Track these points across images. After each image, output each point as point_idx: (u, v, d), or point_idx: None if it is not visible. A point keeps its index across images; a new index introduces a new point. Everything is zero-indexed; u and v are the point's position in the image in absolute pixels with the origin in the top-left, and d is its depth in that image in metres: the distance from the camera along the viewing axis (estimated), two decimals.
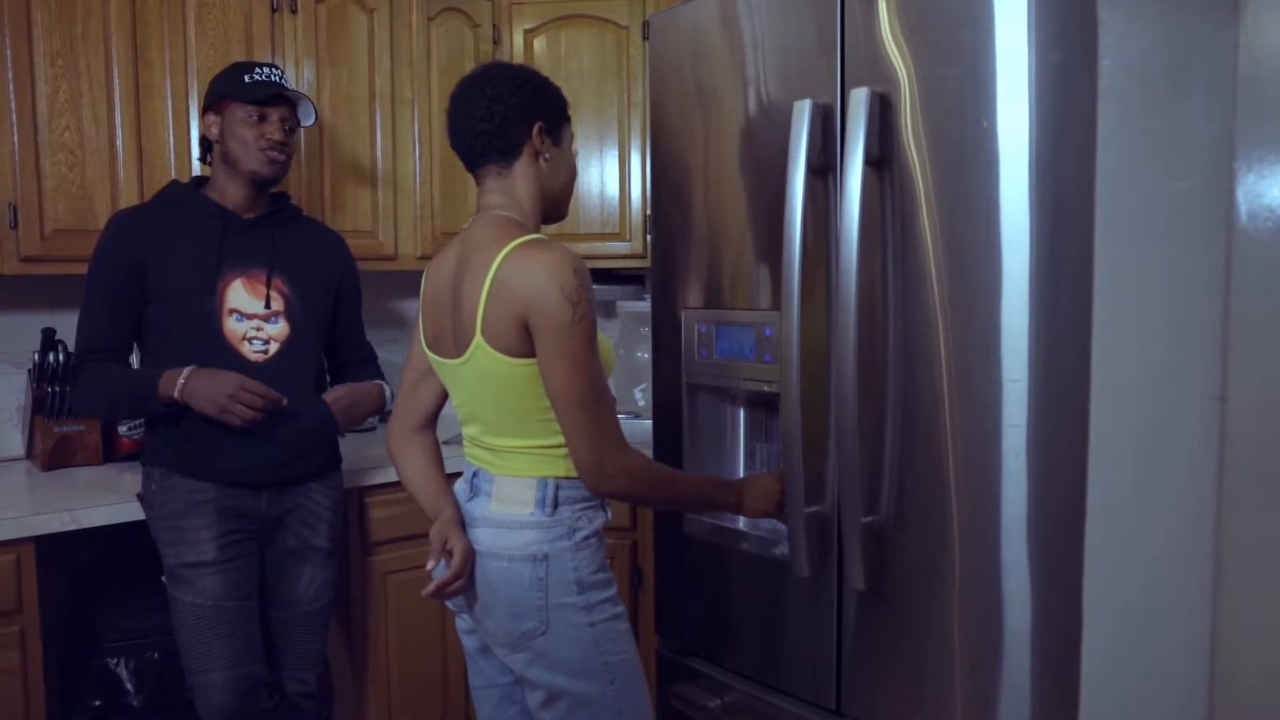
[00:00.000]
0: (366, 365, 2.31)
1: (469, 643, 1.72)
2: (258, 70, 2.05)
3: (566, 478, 1.56)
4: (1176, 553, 1.30)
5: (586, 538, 1.57)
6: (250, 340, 2.02)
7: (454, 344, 1.58)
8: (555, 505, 1.56)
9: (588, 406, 1.48)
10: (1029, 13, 1.29)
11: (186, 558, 1.96)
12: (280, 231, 2.10)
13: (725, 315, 1.75)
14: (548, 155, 1.60)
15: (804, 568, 1.59)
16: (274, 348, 2.05)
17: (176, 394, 1.90)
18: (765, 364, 1.67)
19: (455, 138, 1.61)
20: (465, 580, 1.57)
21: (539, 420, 1.54)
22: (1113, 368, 1.26)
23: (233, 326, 2.02)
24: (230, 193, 2.06)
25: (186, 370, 1.91)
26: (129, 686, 2.13)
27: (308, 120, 2.13)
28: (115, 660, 2.13)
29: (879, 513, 1.51)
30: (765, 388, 1.68)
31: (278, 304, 2.06)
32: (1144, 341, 1.29)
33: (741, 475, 1.84)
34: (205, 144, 2.10)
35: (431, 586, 1.56)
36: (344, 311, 2.22)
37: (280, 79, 2.07)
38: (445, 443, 2.68)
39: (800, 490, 1.56)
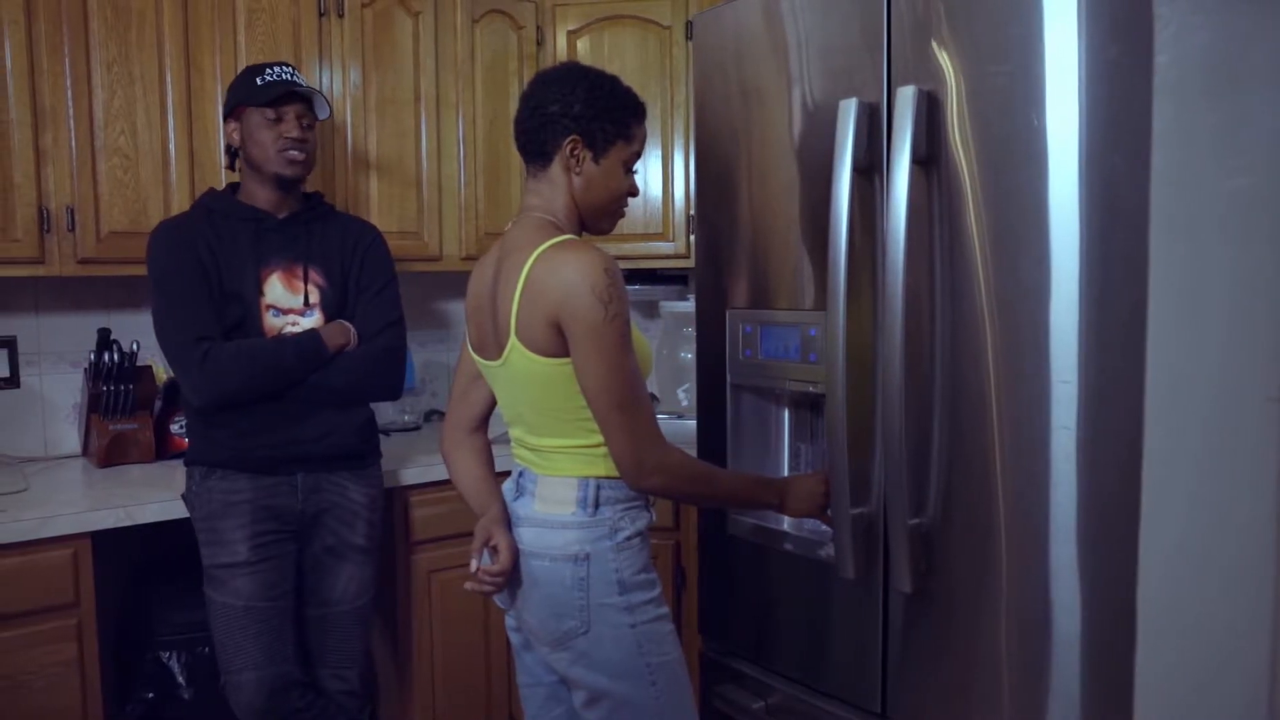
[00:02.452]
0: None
1: (515, 640, 1.73)
2: (269, 71, 2.07)
3: (608, 477, 1.56)
4: (1235, 557, 1.27)
5: (629, 538, 1.57)
6: (285, 333, 2.06)
7: (494, 346, 1.59)
8: (597, 505, 1.56)
9: (624, 405, 1.48)
10: (1079, 8, 1.27)
11: (220, 559, 1.99)
12: (313, 228, 2.13)
13: (770, 315, 1.74)
14: (579, 171, 1.58)
15: (849, 569, 1.58)
16: None
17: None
18: (810, 364, 1.66)
19: (516, 130, 1.63)
20: (507, 576, 1.58)
21: (578, 420, 1.55)
22: (1167, 369, 1.24)
23: (270, 321, 2.05)
24: (260, 195, 2.09)
25: None
26: (180, 680, 2.18)
27: (323, 114, 2.15)
28: (167, 654, 2.18)
29: (925, 514, 1.50)
30: (810, 388, 1.67)
31: (314, 297, 2.10)
32: (1200, 342, 1.26)
33: (785, 476, 1.83)
34: (231, 151, 2.13)
35: (471, 581, 1.59)
36: (352, 286, 2.16)
37: (292, 75, 2.09)
38: (494, 440, 2.71)
39: (845, 491, 1.55)
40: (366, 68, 2.64)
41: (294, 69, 2.11)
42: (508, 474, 1.71)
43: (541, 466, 1.60)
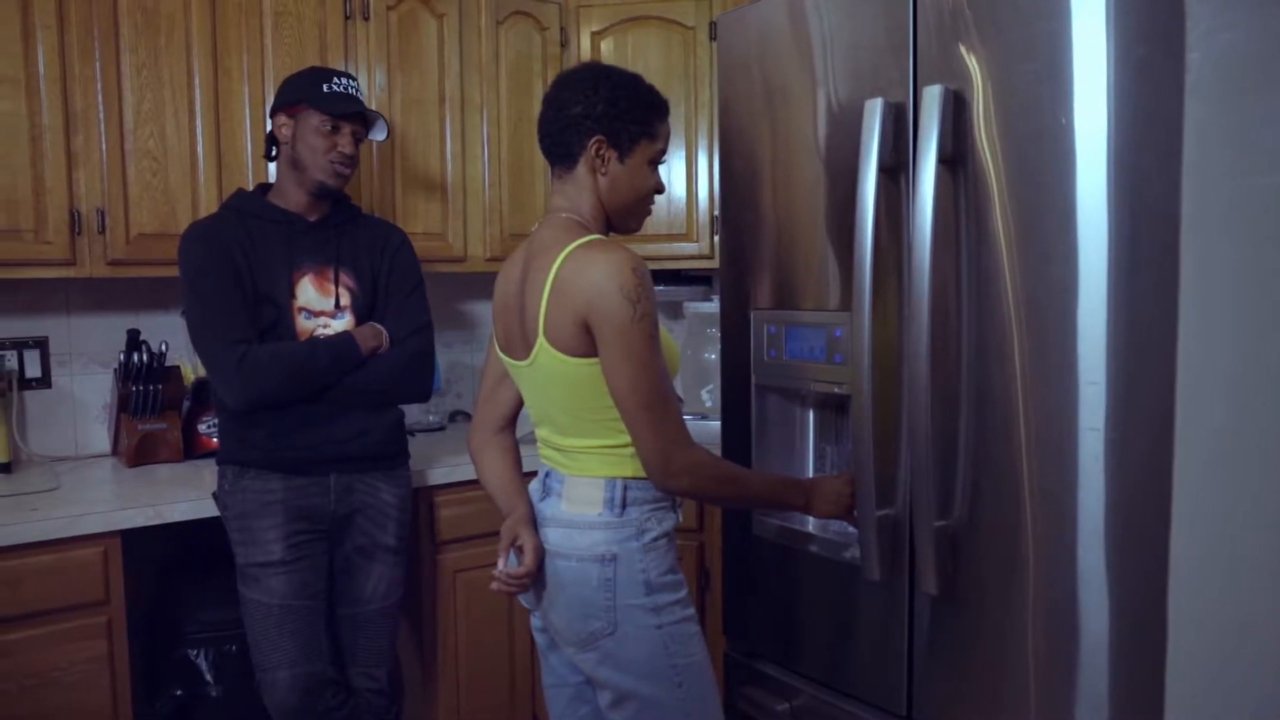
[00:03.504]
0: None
1: (541, 640, 1.73)
2: (336, 81, 2.08)
3: (635, 478, 1.56)
4: (1268, 559, 1.26)
5: (656, 539, 1.57)
6: (318, 335, 2.07)
7: (522, 346, 1.60)
8: (624, 506, 1.56)
9: (652, 405, 1.48)
10: (1108, 6, 1.26)
11: (255, 558, 2.01)
12: (342, 231, 2.14)
13: (795, 316, 1.73)
14: (604, 171, 1.58)
15: (875, 571, 1.57)
16: None
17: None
18: (835, 365, 1.65)
19: (540, 134, 1.63)
20: (533, 577, 1.58)
21: (605, 420, 1.55)
22: (1199, 370, 1.23)
23: (302, 324, 2.07)
24: (293, 196, 2.10)
25: None
26: (208, 677, 2.20)
27: (379, 137, 2.17)
28: (195, 651, 2.20)
29: (952, 516, 1.49)
30: (835, 389, 1.67)
31: (345, 300, 2.11)
32: (1232, 343, 1.25)
33: (811, 477, 1.82)
34: (271, 142, 2.14)
35: (496, 582, 1.58)
36: (380, 292, 2.18)
37: (357, 92, 2.11)
38: (520, 440, 2.72)
39: (871, 493, 1.55)
40: (391, 70, 2.66)
41: (358, 84, 2.13)
42: (534, 474, 1.71)
43: (568, 467, 1.60)
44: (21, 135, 2.18)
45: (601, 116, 1.56)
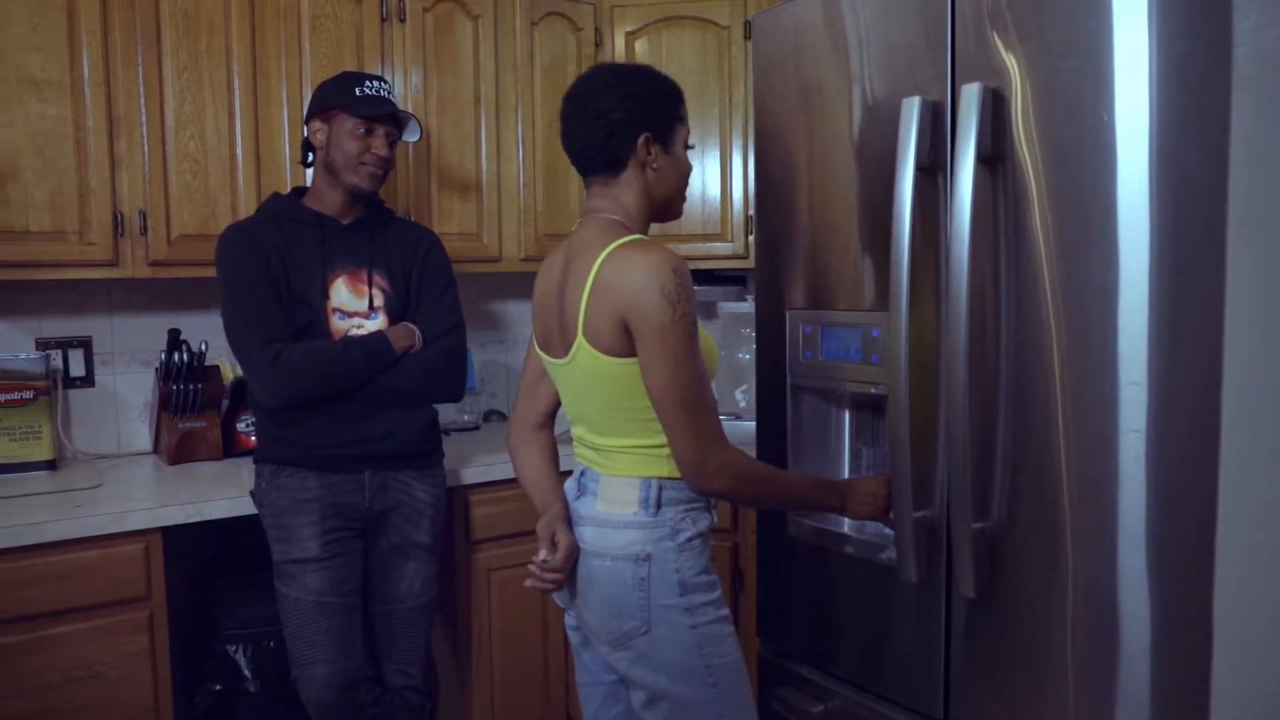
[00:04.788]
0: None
1: (575, 639, 1.74)
2: (368, 84, 2.10)
3: (670, 478, 1.56)
4: None
5: (690, 539, 1.56)
6: (351, 335, 2.09)
7: (560, 344, 1.60)
8: (659, 506, 1.56)
9: (688, 405, 1.47)
10: (1150, 2, 1.24)
11: (291, 554, 2.03)
12: (375, 233, 2.16)
13: (830, 316, 1.73)
14: (655, 165, 1.59)
15: (911, 573, 1.56)
16: None
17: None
18: (872, 365, 1.64)
19: (567, 144, 1.62)
20: (566, 574, 1.59)
21: (642, 420, 1.55)
22: (1245, 369, 1.21)
23: (336, 324, 2.09)
24: (328, 199, 2.13)
25: None
26: (247, 673, 2.22)
27: (413, 138, 2.19)
28: (234, 647, 2.22)
29: (990, 518, 1.47)
30: (872, 389, 1.66)
31: (378, 300, 2.13)
32: (1278, 341, 1.23)
33: (847, 478, 1.81)
34: (307, 147, 2.17)
35: (530, 578, 1.59)
36: (413, 293, 2.19)
37: (389, 94, 2.12)
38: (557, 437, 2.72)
39: (908, 494, 1.53)
40: (427, 71, 2.67)
41: (390, 86, 2.15)
42: (570, 473, 1.72)
43: (604, 466, 1.60)
44: (66, 139, 2.22)
45: (644, 114, 1.56)
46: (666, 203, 1.64)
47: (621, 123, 1.55)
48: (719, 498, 1.60)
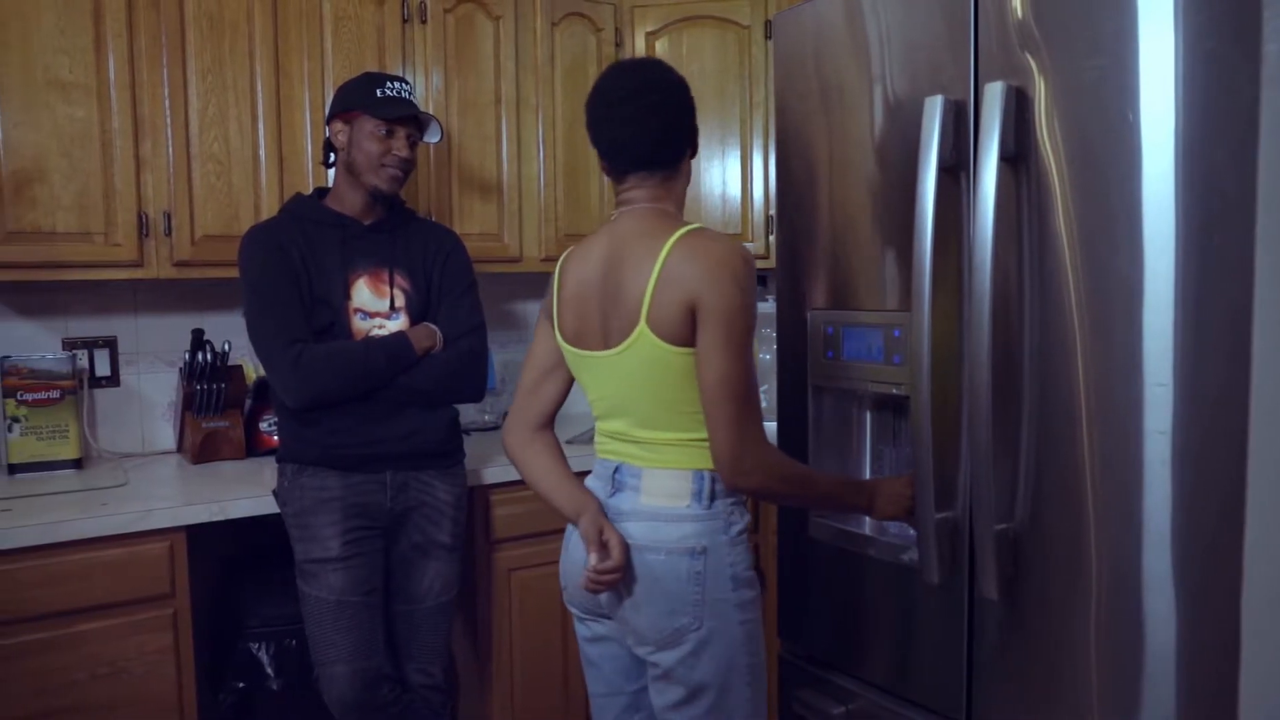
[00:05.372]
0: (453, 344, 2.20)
1: (592, 650, 1.70)
2: (389, 85, 2.11)
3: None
4: None
5: (740, 532, 1.55)
6: (373, 336, 2.10)
7: (605, 336, 1.57)
8: (712, 498, 1.54)
9: (738, 398, 1.46)
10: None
11: (313, 553, 2.04)
12: (396, 233, 2.17)
13: (852, 316, 1.72)
14: (689, 161, 1.64)
15: (934, 575, 1.55)
16: None
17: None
18: (894, 366, 1.64)
19: (620, 142, 1.57)
20: (622, 571, 1.53)
21: (694, 413, 1.53)
22: (1274, 371, 1.19)
23: (358, 324, 2.10)
24: (350, 200, 2.14)
25: None
26: (269, 671, 2.23)
27: (433, 139, 2.20)
28: (257, 645, 2.24)
29: (1013, 520, 1.46)
30: (894, 390, 1.65)
31: (399, 301, 2.14)
32: None
33: (872, 478, 1.80)
34: (329, 148, 2.18)
35: (585, 578, 1.53)
36: (434, 293, 2.20)
37: (410, 95, 2.13)
38: (569, 442, 2.73)
39: (930, 495, 1.53)
40: (448, 72, 2.68)
41: (411, 87, 2.16)
42: (580, 473, 1.69)
43: (648, 459, 1.57)
44: (92, 141, 2.24)
45: (691, 107, 1.61)
46: (683, 203, 1.67)
47: (679, 114, 1.58)
48: (749, 495, 1.58)
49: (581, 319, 1.61)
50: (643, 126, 1.55)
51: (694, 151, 1.64)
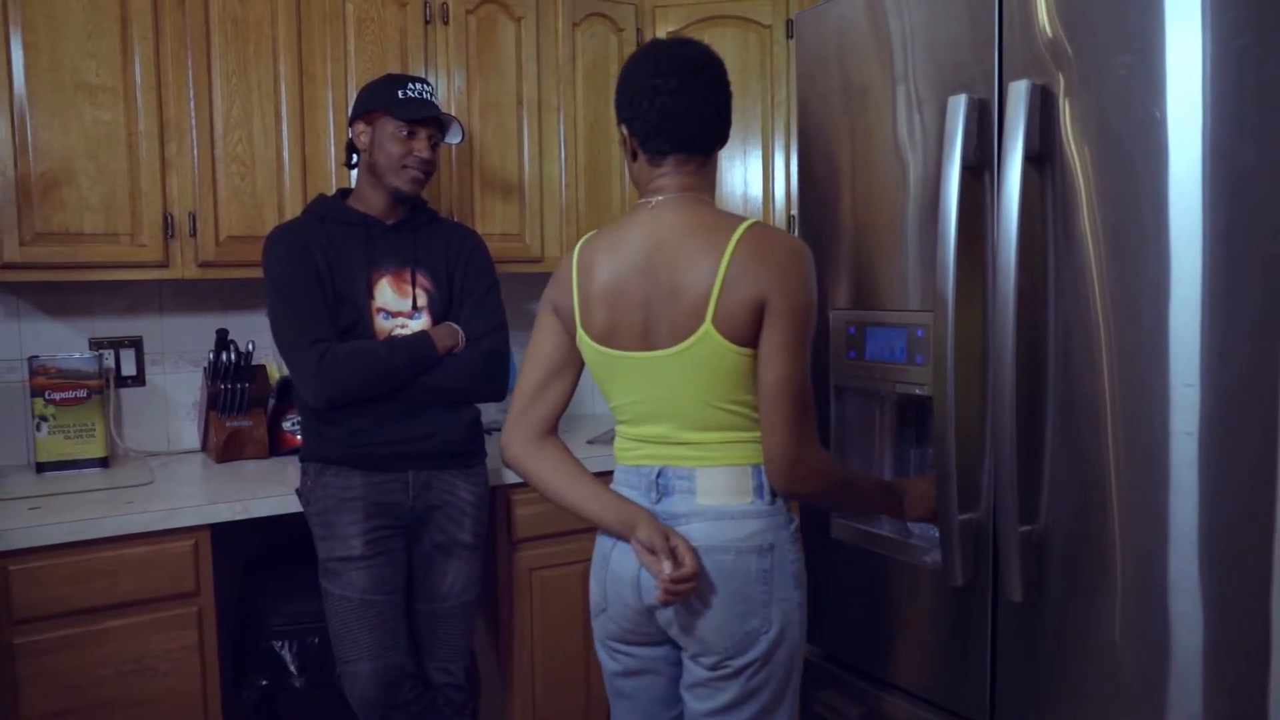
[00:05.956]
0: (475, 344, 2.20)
1: (625, 684, 1.61)
2: (410, 86, 2.12)
3: None
4: None
5: (797, 528, 1.52)
6: (395, 335, 2.11)
7: (648, 335, 1.47)
8: (773, 493, 1.48)
9: (798, 398, 1.42)
10: None
11: (336, 552, 2.06)
12: (419, 234, 2.18)
13: (875, 316, 1.71)
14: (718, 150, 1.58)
15: (957, 576, 1.54)
16: None
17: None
18: (917, 366, 1.63)
19: (669, 116, 1.46)
20: (698, 578, 1.42)
21: (745, 415, 1.47)
22: None
23: (380, 324, 2.11)
24: (372, 201, 2.15)
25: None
26: (292, 669, 2.25)
27: (455, 139, 2.21)
28: (280, 643, 2.26)
29: (1037, 522, 1.45)
30: (917, 391, 1.64)
31: (422, 300, 2.15)
32: None
33: (899, 479, 1.79)
34: (351, 149, 2.19)
35: (661, 590, 1.40)
36: (456, 293, 2.21)
37: (431, 96, 2.14)
38: (590, 442, 2.73)
39: (954, 497, 1.52)
40: (470, 73, 2.69)
41: (432, 88, 2.16)
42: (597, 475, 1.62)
43: (699, 459, 1.48)
44: (119, 143, 2.26)
45: (732, 96, 1.55)
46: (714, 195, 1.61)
47: (727, 96, 1.52)
48: (802, 500, 1.52)
49: (616, 316, 1.49)
50: (694, 101, 1.46)
51: (724, 141, 1.56)
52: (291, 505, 2.18)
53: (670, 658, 1.59)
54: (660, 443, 1.51)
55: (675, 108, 1.45)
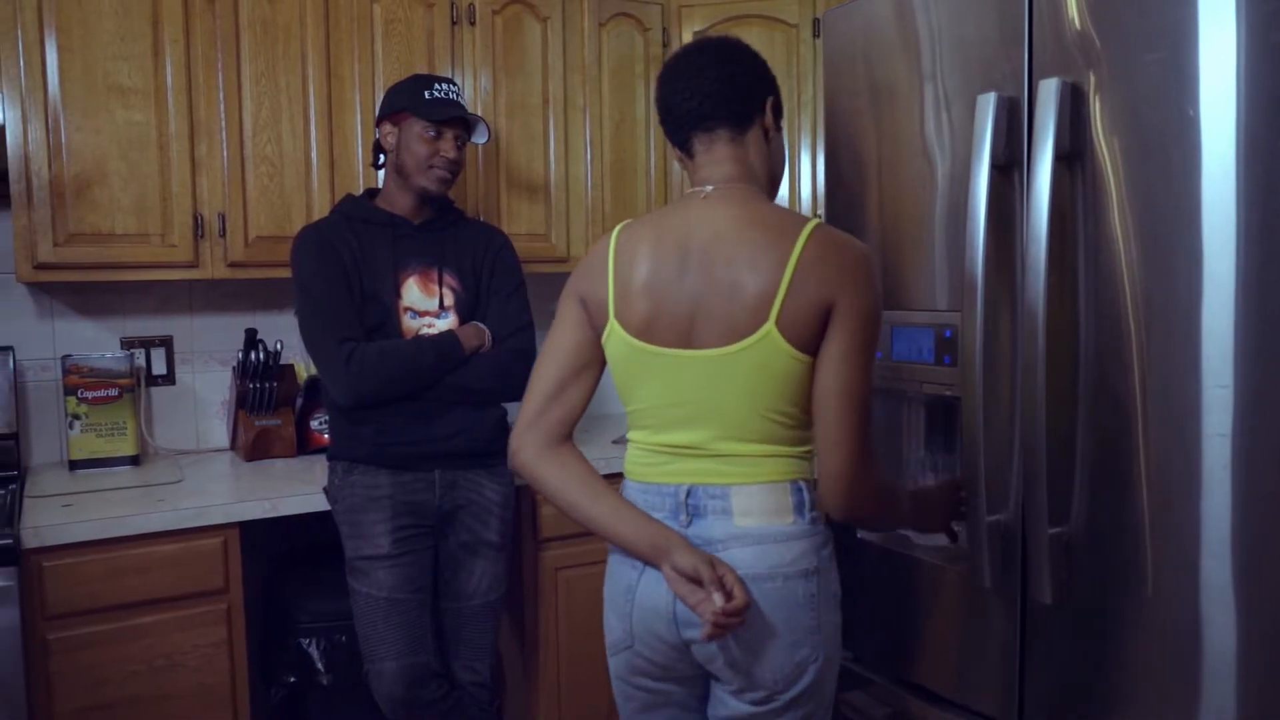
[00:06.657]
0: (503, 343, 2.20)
1: (645, 699, 1.50)
2: (437, 86, 2.13)
3: (811, 480, 1.40)
4: None
5: (834, 547, 1.43)
6: (422, 334, 2.12)
7: (694, 333, 1.37)
8: (812, 510, 1.38)
9: (861, 409, 1.33)
10: None
11: (363, 551, 2.07)
12: (445, 233, 2.20)
13: (902, 316, 1.70)
14: (773, 133, 1.46)
15: (986, 579, 1.53)
16: None
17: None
18: (945, 367, 1.62)
19: (676, 99, 1.41)
20: (748, 608, 1.31)
21: (789, 427, 1.37)
22: None
23: (408, 323, 2.12)
24: (400, 201, 2.16)
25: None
26: (319, 666, 2.27)
27: (481, 139, 2.22)
28: (307, 641, 2.27)
29: (1068, 524, 1.44)
30: (945, 392, 1.63)
31: (449, 300, 2.16)
32: None
33: (916, 483, 1.78)
34: (378, 150, 2.20)
35: (709, 625, 1.28)
36: (483, 292, 2.22)
37: (458, 96, 2.15)
38: (613, 443, 2.73)
39: (983, 498, 1.51)
40: (496, 73, 2.70)
41: (459, 89, 2.17)
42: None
43: (733, 475, 1.37)
44: (150, 144, 2.29)
45: (770, 80, 1.45)
46: (775, 183, 1.50)
47: (754, 76, 1.42)
48: (853, 521, 1.44)
49: (659, 310, 1.38)
50: (702, 78, 1.39)
51: (767, 120, 1.45)
52: (319, 503, 2.19)
53: (698, 690, 1.48)
54: (690, 455, 1.39)
55: (690, 83, 1.40)
